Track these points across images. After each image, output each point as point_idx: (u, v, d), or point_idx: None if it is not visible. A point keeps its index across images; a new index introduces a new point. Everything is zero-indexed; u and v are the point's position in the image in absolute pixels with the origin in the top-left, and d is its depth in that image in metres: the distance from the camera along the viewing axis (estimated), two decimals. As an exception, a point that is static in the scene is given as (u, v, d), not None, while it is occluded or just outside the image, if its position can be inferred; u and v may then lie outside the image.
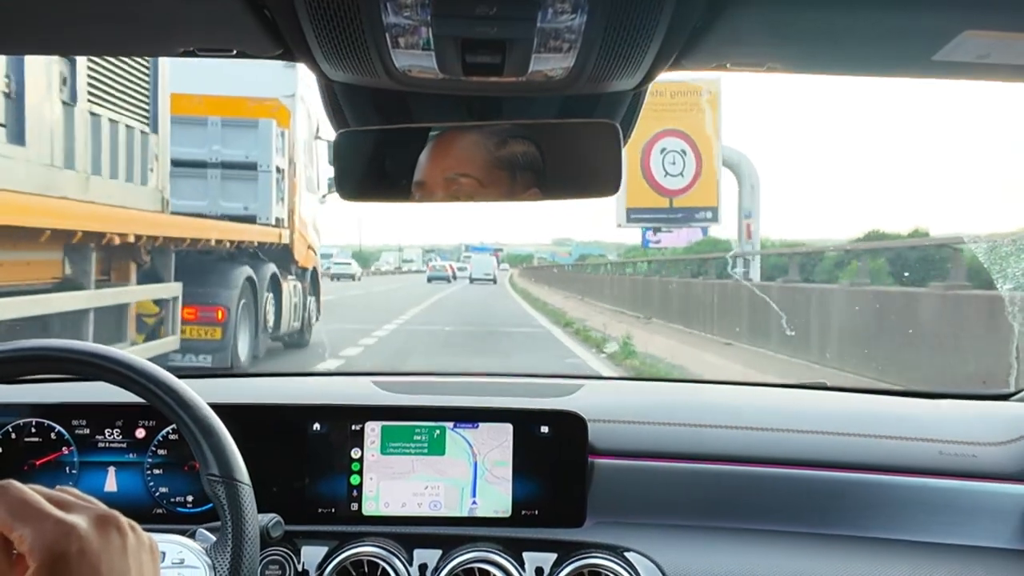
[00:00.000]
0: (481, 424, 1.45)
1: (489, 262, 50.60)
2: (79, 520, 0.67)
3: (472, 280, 47.70)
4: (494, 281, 46.94)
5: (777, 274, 14.27)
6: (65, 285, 6.24)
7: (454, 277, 49.57)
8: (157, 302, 7.74)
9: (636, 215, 28.60)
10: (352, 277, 42.88)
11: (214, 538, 1.10)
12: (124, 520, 0.71)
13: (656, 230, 29.31)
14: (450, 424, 1.45)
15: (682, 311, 15.40)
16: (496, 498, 1.44)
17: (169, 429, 1.46)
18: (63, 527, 0.66)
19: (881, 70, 1.13)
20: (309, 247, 11.21)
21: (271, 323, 9.85)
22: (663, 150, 27.39)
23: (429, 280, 44.25)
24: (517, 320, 19.79)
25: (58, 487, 0.73)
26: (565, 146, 1.17)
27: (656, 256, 26.16)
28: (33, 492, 0.68)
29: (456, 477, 1.44)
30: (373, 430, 1.44)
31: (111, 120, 6.83)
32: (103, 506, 0.71)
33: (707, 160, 27.61)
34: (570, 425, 1.45)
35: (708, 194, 28.15)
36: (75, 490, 0.73)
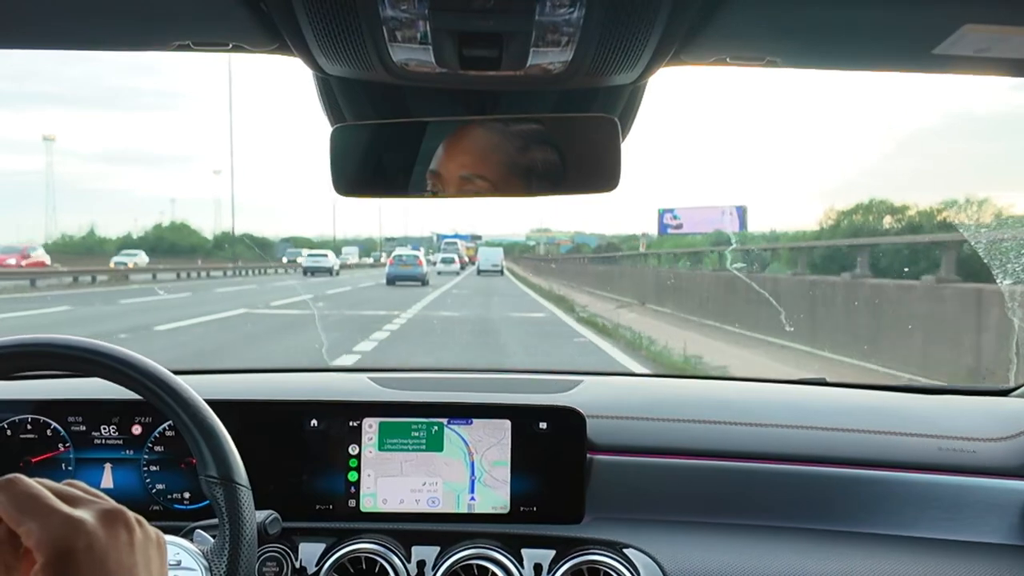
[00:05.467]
0: (479, 420, 1.44)
1: (497, 253, 46.18)
2: (86, 515, 0.67)
3: (480, 272, 41.15)
4: (501, 272, 40.95)
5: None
6: None
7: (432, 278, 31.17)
8: None
9: None
10: (329, 271, 34.52)
11: (212, 540, 1.09)
12: (131, 515, 0.71)
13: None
14: (447, 420, 1.44)
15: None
16: (494, 494, 1.43)
17: (166, 425, 1.45)
18: (70, 522, 0.66)
19: (881, 64, 1.13)
20: None
21: None
22: None
23: (391, 281, 27.65)
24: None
25: (65, 481, 0.72)
26: (563, 140, 1.16)
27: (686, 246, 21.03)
28: (40, 486, 0.67)
29: (454, 473, 1.43)
30: (371, 426, 1.44)
31: None
32: (111, 501, 0.71)
33: None
34: (568, 421, 1.44)
35: None
36: (83, 484, 0.73)
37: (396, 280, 27.82)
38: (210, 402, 1.09)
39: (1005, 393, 1.70)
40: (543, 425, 1.44)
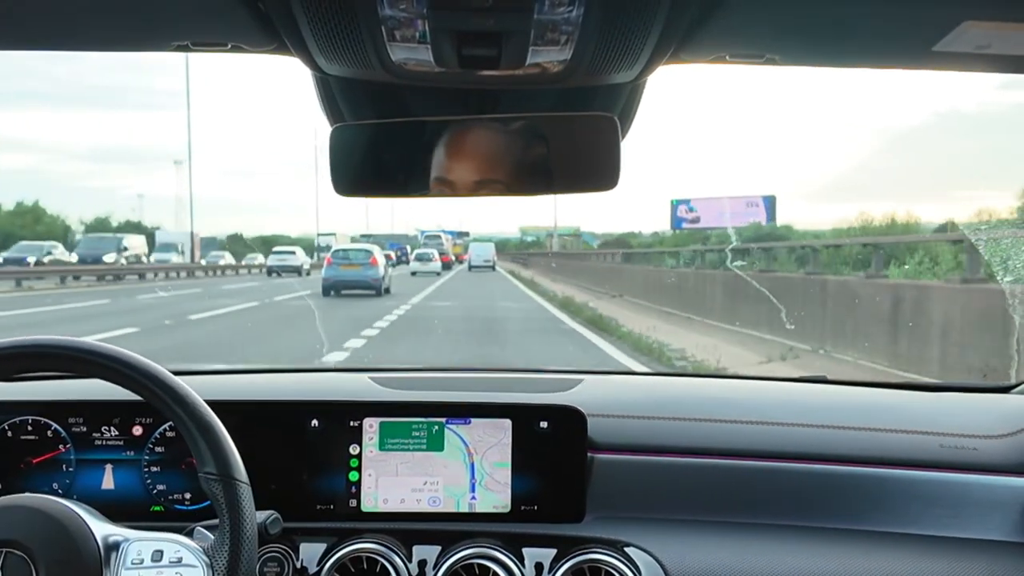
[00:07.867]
0: (480, 420, 1.44)
1: (488, 249, 42.26)
2: None
3: (471, 268, 38.81)
4: (492, 268, 38.44)
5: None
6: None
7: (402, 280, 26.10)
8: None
9: None
10: (297, 271, 30.56)
11: (212, 537, 1.09)
12: None
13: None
14: (446, 420, 1.44)
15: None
16: (495, 494, 1.43)
17: (166, 426, 1.45)
18: None
19: (881, 61, 1.13)
20: None
21: None
22: None
23: (329, 290, 20.13)
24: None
25: None
26: (562, 139, 1.16)
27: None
28: None
29: (455, 473, 1.43)
30: (371, 426, 1.44)
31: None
32: None
33: None
34: (569, 420, 1.44)
35: None
36: None
37: (338, 288, 19.79)
38: (211, 402, 1.10)
39: (1006, 390, 1.70)
40: (544, 424, 1.44)
